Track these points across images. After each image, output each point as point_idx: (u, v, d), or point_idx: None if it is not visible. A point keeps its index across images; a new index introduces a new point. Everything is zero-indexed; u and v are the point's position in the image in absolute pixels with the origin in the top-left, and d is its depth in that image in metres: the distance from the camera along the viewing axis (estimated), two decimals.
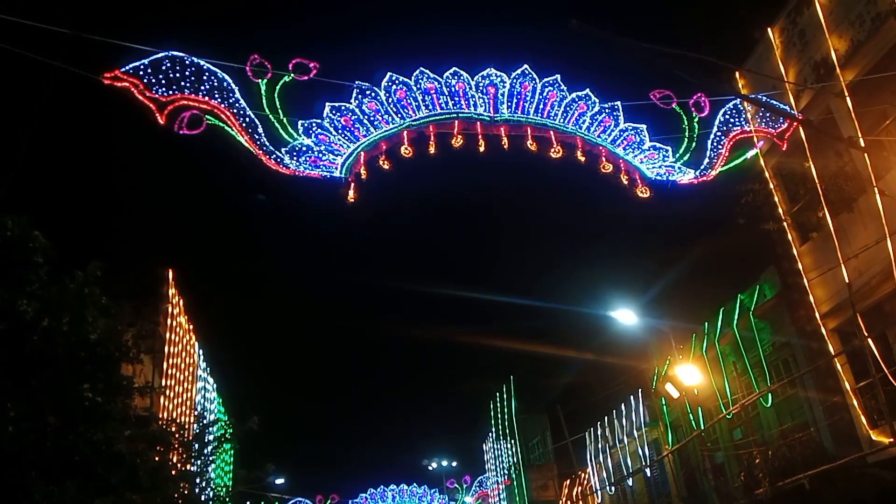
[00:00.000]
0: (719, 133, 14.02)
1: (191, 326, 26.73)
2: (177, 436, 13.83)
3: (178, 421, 16.10)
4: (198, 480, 14.27)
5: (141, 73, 10.35)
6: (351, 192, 11.64)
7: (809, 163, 14.39)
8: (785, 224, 15.77)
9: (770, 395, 17.42)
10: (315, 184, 11.54)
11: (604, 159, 13.01)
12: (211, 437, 15.84)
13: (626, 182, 13.12)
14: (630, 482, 26.43)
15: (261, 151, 11.12)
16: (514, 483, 36.90)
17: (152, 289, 22.77)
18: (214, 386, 31.50)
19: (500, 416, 39.40)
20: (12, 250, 7.89)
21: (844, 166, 13.99)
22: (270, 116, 11.16)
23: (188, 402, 25.09)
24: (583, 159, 12.89)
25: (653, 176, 13.23)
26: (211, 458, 15.79)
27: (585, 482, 30.07)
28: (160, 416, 17.83)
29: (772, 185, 15.99)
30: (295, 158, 11.36)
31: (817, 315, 14.83)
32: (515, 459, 36.76)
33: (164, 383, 20.51)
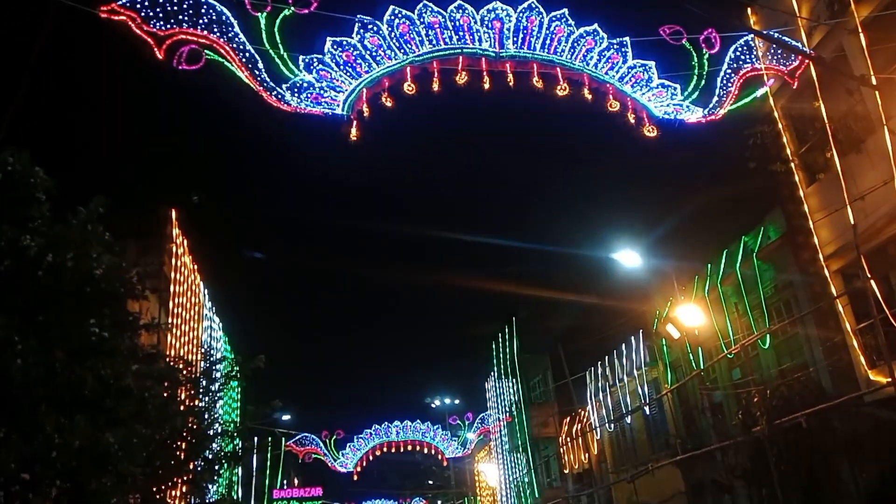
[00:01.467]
0: (729, 70, 13.73)
1: (195, 266, 26.85)
2: (184, 372, 14.04)
3: (185, 358, 16.33)
4: (206, 416, 14.54)
5: (138, 5, 10.12)
6: (353, 131, 11.50)
7: (819, 102, 14.15)
8: (792, 165, 15.63)
9: (770, 335, 17.57)
10: (316, 121, 11.40)
11: (611, 97, 12.79)
12: (218, 375, 16.08)
13: (633, 121, 12.93)
14: (629, 420, 26.94)
15: (261, 87, 10.95)
16: (515, 420, 37.67)
17: (156, 229, 22.77)
18: (220, 325, 31.86)
19: (502, 355, 39.94)
20: (14, 186, 7.86)
21: (855, 106, 13.76)
22: (270, 51, 10.95)
23: (195, 341, 25.41)
24: (590, 97, 12.67)
25: (660, 114, 13.03)
26: (218, 395, 16.06)
27: (585, 420, 30.66)
28: (167, 353, 18.10)
29: (780, 126, 15.78)
30: (296, 95, 11.18)
31: (821, 256, 14.83)
32: (517, 398, 37.42)
33: (170, 321, 20.73)
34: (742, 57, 13.99)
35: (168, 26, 10.26)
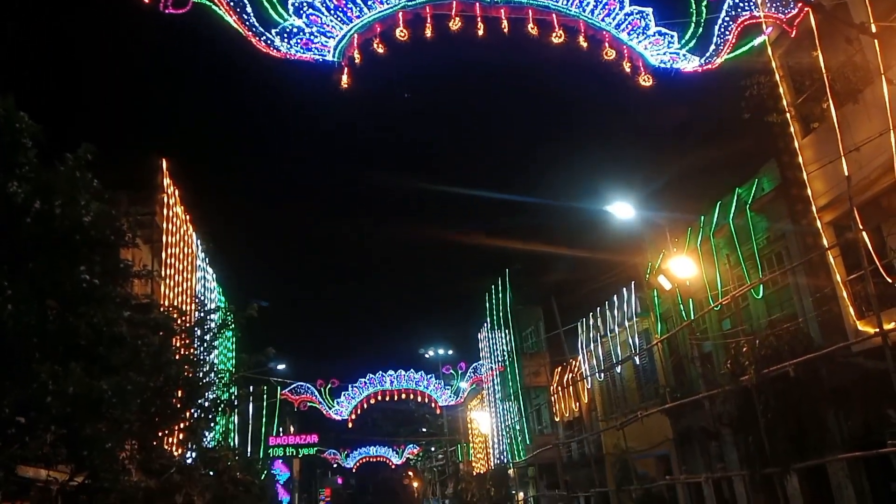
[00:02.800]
0: (727, 18, 13.51)
1: (188, 217, 26.73)
2: (178, 322, 14.09)
3: (179, 308, 16.37)
4: (201, 364, 14.66)
5: None
6: (344, 78, 11.30)
7: (818, 51, 13.95)
8: (788, 116, 15.50)
9: (761, 286, 17.69)
10: (307, 68, 11.19)
11: (607, 45, 12.59)
12: (212, 324, 16.17)
13: (628, 70, 12.75)
14: (619, 370, 27.31)
15: (250, 33, 10.71)
16: (508, 370, 38.17)
17: (146, 179, 22.60)
18: (214, 276, 31.89)
19: (495, 307, 40.23)
20: None
21: (853, 55, 13.57)
22: None
23: (188, 291, 25.46)
24: (585, 45, 12.46)
25: (656, 63, 12.85)
26: (213, 344, 16.17)
27: (576, 369, 31.08)
28: (161, 303, 18.14)
29: (777, 76, 15.58)
30: (286, 40, 10.96)
31: (814, 208, 14.83)
32: (509, 348, 37.85)
33: (163, 272, 20.72)
34: (741, 4, 13.74)
35: None
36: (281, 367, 42.76)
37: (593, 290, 27.97)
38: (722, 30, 13.48)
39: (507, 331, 38.28)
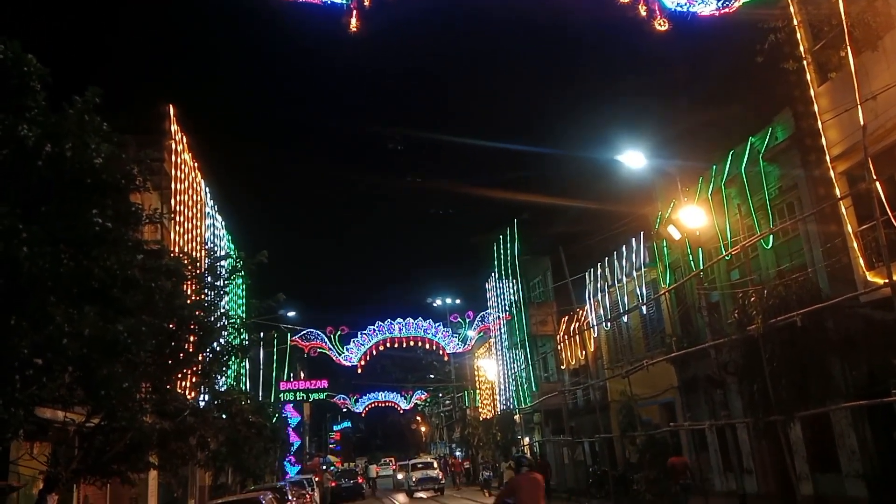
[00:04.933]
0: None
1: (196, 164, 26.67)
2: (189, 268, 14.20)
3: (189, 254, 16.48)
4: (212, 309, 14.82)
5: None
6: (353, 21, 11.09)
7: None
8: (805, 63, 15.19)
9: (771, 236, 17.62)
10: (315, 11, 10.98)
11: None
12: (223, 271, 16.29)
13: (643, 13, 12.45)
14: (626, 319, 27.47)
15: None
16: (515, 318, 38.47)
17: (154, 126, 22.48)
18: (223, 224, 32.00)
19: (503, 257, 40.31)
20: (7, 75, 7.68)
21: (875, 0, 13.23)
22: None
23: (198, 238, 25.58)
24: None
25: (673, 6, 12.53)
26: (224, 290, 16.32)
27: (583, 318, 31.29)
28: (171, 250, 18.25)
29: (795, 22, 15.21)
30: None
31: (827, 157, 14.67)
32: (517, 297, 38.05)
33: (172, 217, 20.79)
34: None
35: None
36: (291, 314, 43.28)
37: (601, 241, 27.95)
38: None
39: (514, 280, 38.44)
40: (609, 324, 28.73)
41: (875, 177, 12.99)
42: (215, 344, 14.37)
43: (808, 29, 15.30)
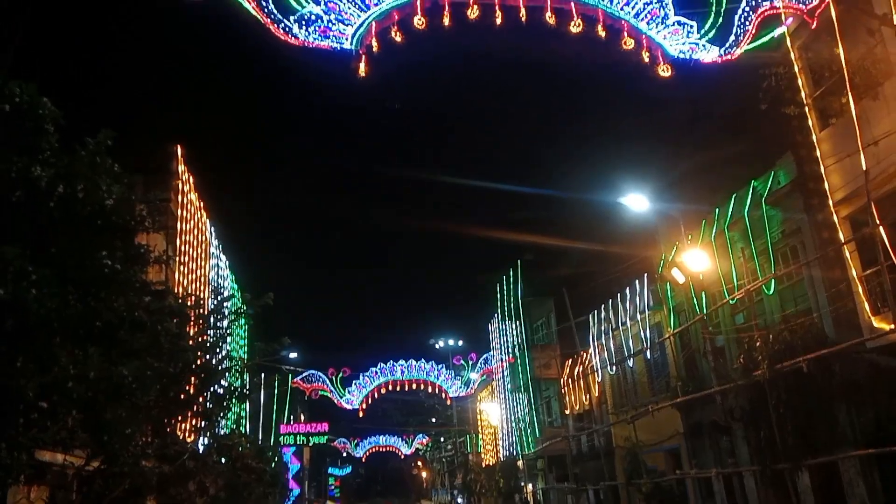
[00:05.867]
0: (748, 8, 13.39)
1: (202, 203, 26.82)
2: (194, 310, 14.17)
3: (194, 295, 16.47)
4: (216, 351, 14.75)
5: None
6: (362, 66, 11.30)
7: (838, 43, 13.82)
8: (806, 109, 15.38)
9: (775, 281, 17.59)
10: (325, 56, 11.19)
11: (625, 34, 12.51)
12: (227, 312, 16.25)
13: (647, 60, 12.67)
14: (630, 363, 27.26)
15: (268, 20, 10.73)
16: (518, 361, 38.20)
17: (161, 165, 22.67)
18: (227, 263, 32.03)
19: (506, 298, 40.23)
20: (22, 117, 7.80)
21: (874, 47, 13.46)
22: None
23: (202, 279, 25.58)
24: (603, 34, 12.39)
25: (675, 53, 12.77)
26: (227, 331, 16.26)
27: (587, 362, 31.05)
28: (175, 290, 18.24)
29: (796, 68, 15.46)
30: (304, 28, 10.96)
31: (830, 202, 14.73)
32: (520, 339, 37.85)
33: (177, 258, 20.83)
34: None
35: None
36: (293, 355, 42.97)
37: (605, 283, 27.91)
38: (742, 20, 13.38)
39: (517, 322, 38.28)
40: (613, 368, 28.50)
41: (879, 222, 13.05)
42: (217, 386, 14.27)
43: (809, 75, 15.53)
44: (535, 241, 36.79)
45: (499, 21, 11.71)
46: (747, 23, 13.45)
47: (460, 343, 53.71)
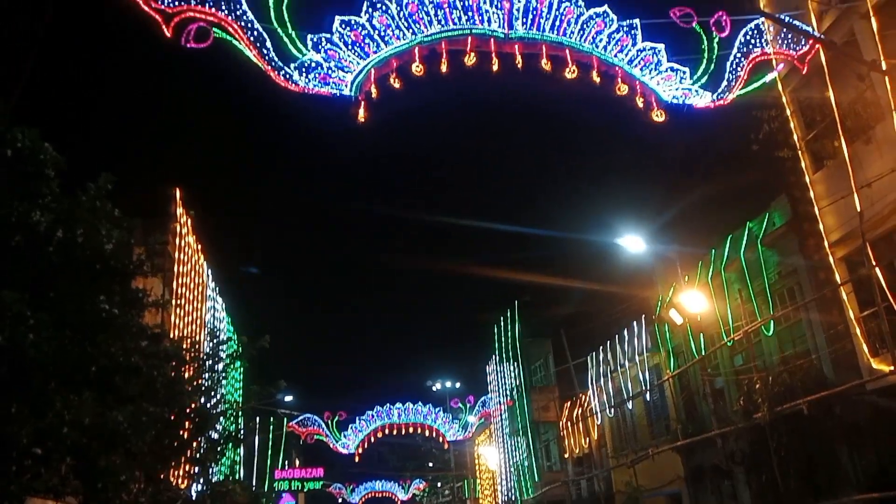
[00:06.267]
0: (739, 55, 13.66)
1: (199, 246, 26.85)
2: (190, 353, 14.07)
3: (190, 338, 16.37)
4: (211, 396, 14.60)
5: None
6: (361, 112, 11.46)
7: (828, 87, 14.07)
8: (799, 151, 15.57)
9: (773, 322, 17.58)
10: (324, 102, 11.36)
11: (619, 80, 12.72)
12: (223, 355, 16.13)
13: (641, 105, 12.87)
14: (630, 405, 27.04)
15: (269, 67, 10.90)
16: (516, 404, 37.83)
17: (160, 208, 22.76)
18: (224, 306, 31.91)
19: (504, 340, 40.03)
20: (24, 163, 7.86)
21: (864, 92, 13.69)
22: (278, 30, 10.89)
23: (198, 321, 25.46)
24: (598, 80, 12.61)
25: (669, 99, 12.97)
26: (223, 375, 16.12)
27: (586, 404, 30.78)
28: (171, 333, 18.13)
29: (788, 112, 15.70)
30: (304, 75, 11.14)
31: (826, 243, 14.80)
32: (518, 381, 37.55)
33: (173, 301, 20.75)
34: (752, 41, 13.91)
35: (176, 3, 10.21)
36: (288, 398, 42.47)
37: (603, 324, 27.86)
38: (734, 66, 13.64)
39: (515, 364, 38.04)
40: (612, 410, 28.25)
41: (875, 263, 13.10)
42: (212, 431, 14.09)
43: (801, 118, 15.76)
44: (532, 280, 36.81)
45: (495, 67, 11.93)
46: (739, 69, 13.71)
47: (458, 385, 53.26)
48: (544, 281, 36.03)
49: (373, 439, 49.75)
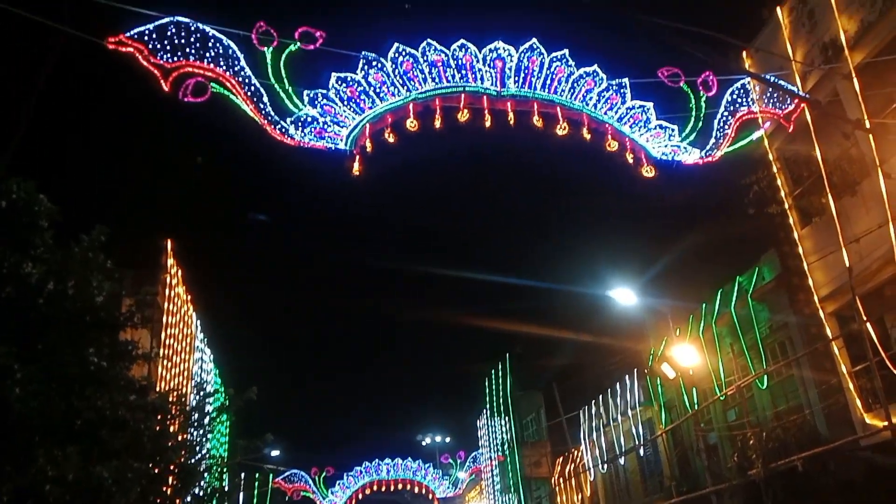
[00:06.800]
0: (726, 113, 13.97)
1: (189, 297, 26.71)
2: (176, 406, 13.83)
3: (177, 390, 16.11)
4: (197, 450, 14.29)
5: (146, 38, 10.22)
6: (356, 165, 11.59)
7: (814, 145, 14.36)
8: (787, 207, 15.78)
9: (766, 377, 17.54)
10: (319, 155, 11.49)
11: (609, 137, 12.97)
12: (210, 408, 15.86)
13: (630, 161, 13.08)
14: (623, 461, 26.68)
15: (265, 121, 11.04)
16: (508, 459, 37.24)
17: (151, 258, 22.72)
18: (211, 357, 31.56)
19: (495, 393, 39.64)
20: (18, 214, 7.86)
21: (849, 149, 13.96)
22: (276, 85, 11.07)
23: (185, 373, 25.14)
24: (588, 137, 12.84)
25: (658, 155, 13.20)
26: (209, 428, 15.82)
27: (578, 460, 30.35)
28: (158, 386, 17.87)
29: (775, 168, 15.97)
30: (300, 129, 11.29)
31: (816, 298, 14.87)
32: (509, 436, 37.05)
33: (161, 353, 20.52)
34: (739, 100, 14.24)
35: (175, 59, 10.37)
36: (275, 453, 41.64)
37: (596, 377, 27.71)
38: (721, 124, 13.94)
39: (507, 418, 37.60)
40: (605, 466, 27.85)
41: (865, 318, 13.16)
42: (196, 488, 13.75)
43: (788, 175, 16.02)
44: (524, 331, 36.69)
45: (488, 123, 12.15)
46: (726, 126, 14.00)
47: (448, 440, 52.47)
48: (536, 332, 35.93)
49: (361, 496, 48.66)
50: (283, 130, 11.16)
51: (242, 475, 32.72)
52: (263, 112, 11.01)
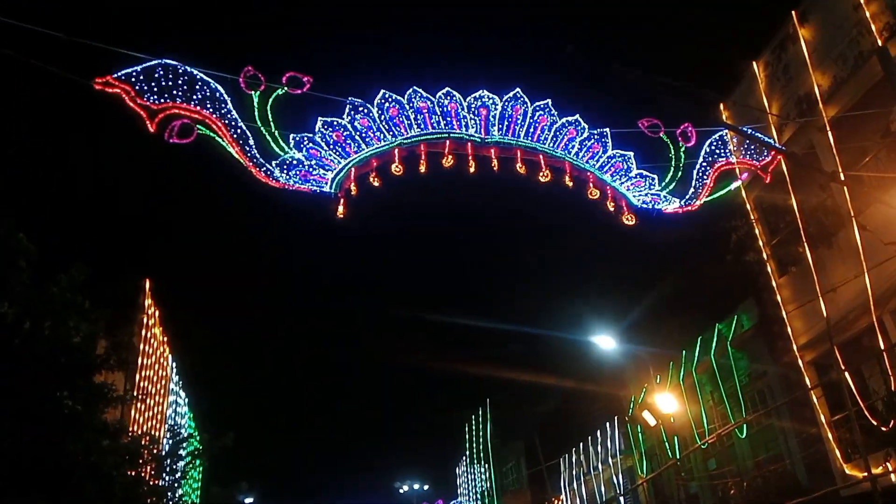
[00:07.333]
0: (704, 163, 14.24)
1: (165, 338, 26.33)
2: (152, 450, 13.53)
3: (150, 434, 15.77)
4: (169, 495, 13.93)
5: (133, 79, 10.27)
6: (340, 208, 11.61)
7: (791, 196, 14.62)
8: (764, 256, 15.98)
9: (745, 425, 17.52)
10: (304, 198, 11.51)
11: (591, 185, 13.14)
12: (183, 454, 15.52)
13: (612, 209, 13.24)
14: None
15: (251, 163, 11.06)
16: None
17: (128, 299, 22.45)
18: (186, 400, 30.96)
19: (474, 440, 39.14)
20: None
21: (825, 200, 14.22)
22: (262, 129, 11.12)
23: (159, 416, 24.62)
24: (570, 184, 13.01)
25: (639, 203, 13.38)
26: (183, 472, 15.46)
27: None
28: (131, 428, 17.46)
29: (753, 218, 16.21)
30: (285, 172, 11.32)
31: (794, 347, 14.96)
32: (489, 484, 36.48)
33: (136, 395, 20.12)
34: (717, 151, 14.54)
35: (161, 100, 10.41)
36: (248, 501, 40.61)
37: (577, 424, 27.51)
38: (700, 174, 14.20)
39: (486, 465, 37.07)
40: None
41: (843, 367, 13.22)
42: None
43: (766, 225, 16.26)
44: (505, 379, 36.40)
45: (472, 169, 12.28)
46: (705, 176, 14.26)
47: (426, 487, 51.48)
48: (517, 378, 35.66)
49: None
50: (269, 173, 11.18)
51: None
52: (249, 154, 11.04)
